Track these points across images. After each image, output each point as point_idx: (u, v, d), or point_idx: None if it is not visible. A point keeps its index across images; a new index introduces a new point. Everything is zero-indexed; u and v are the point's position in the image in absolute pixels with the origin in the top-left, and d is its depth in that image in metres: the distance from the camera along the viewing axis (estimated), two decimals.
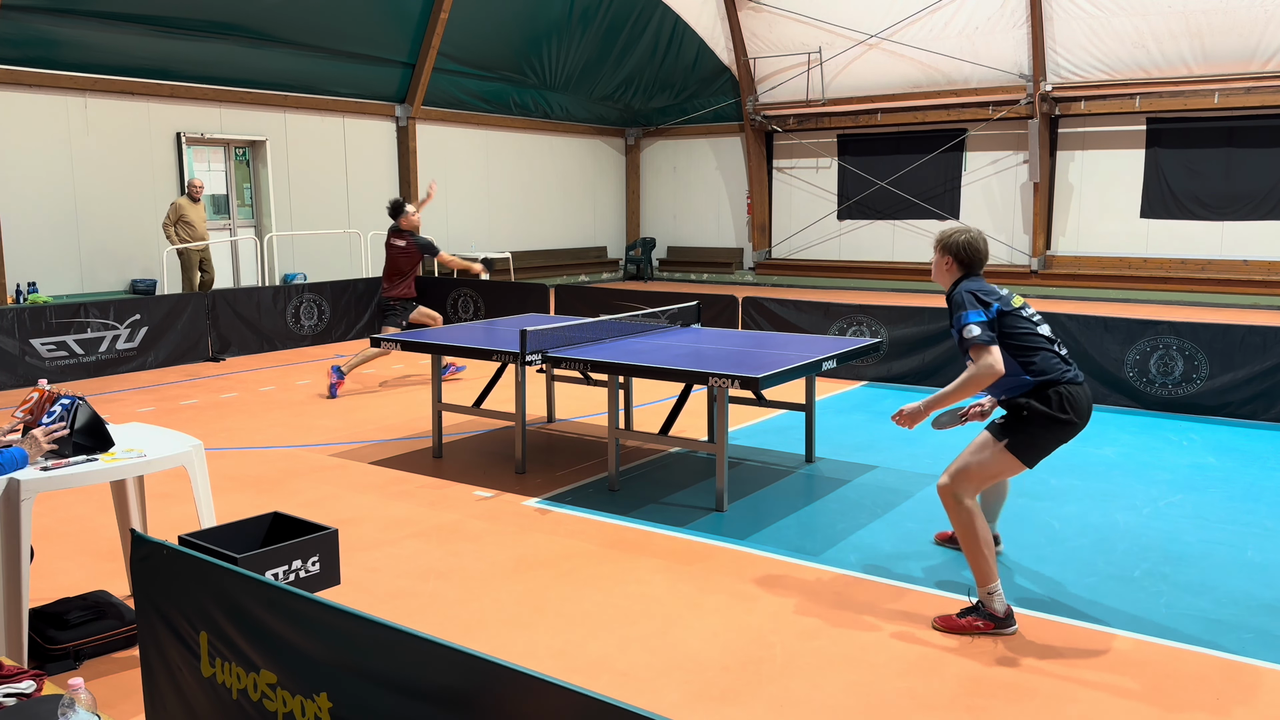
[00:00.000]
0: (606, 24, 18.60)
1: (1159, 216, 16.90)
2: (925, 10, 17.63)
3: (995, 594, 4.06)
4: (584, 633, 4.16)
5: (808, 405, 6.77)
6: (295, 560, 3.68)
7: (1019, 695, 3.63)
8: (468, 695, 2.06)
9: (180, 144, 13.77)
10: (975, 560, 4.09)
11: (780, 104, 19.96)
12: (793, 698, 3.62)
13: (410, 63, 16.42)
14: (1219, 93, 15.81)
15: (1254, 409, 7.84)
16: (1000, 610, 4.07)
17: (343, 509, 5.82)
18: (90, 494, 6.04)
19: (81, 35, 12.33)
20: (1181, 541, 5.19)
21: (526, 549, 5.14)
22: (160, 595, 2.76)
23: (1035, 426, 4.04)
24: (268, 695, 2.47)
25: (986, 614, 4.07)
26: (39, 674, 2.87)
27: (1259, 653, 3.94)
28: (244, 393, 9.37)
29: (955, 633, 4.09)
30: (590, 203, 21.61)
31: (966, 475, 4.12)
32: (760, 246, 20.89)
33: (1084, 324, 8.45)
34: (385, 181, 16.84)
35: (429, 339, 6.88)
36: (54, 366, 9.90)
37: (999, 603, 4.07)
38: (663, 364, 5.70)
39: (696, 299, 8.53)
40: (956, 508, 4.11)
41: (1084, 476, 6.39)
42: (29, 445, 3.59)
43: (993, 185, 18.37)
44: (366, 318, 13.10)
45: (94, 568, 4.91)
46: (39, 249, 12.46)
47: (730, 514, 5.68)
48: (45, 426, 3.71)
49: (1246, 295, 15.93)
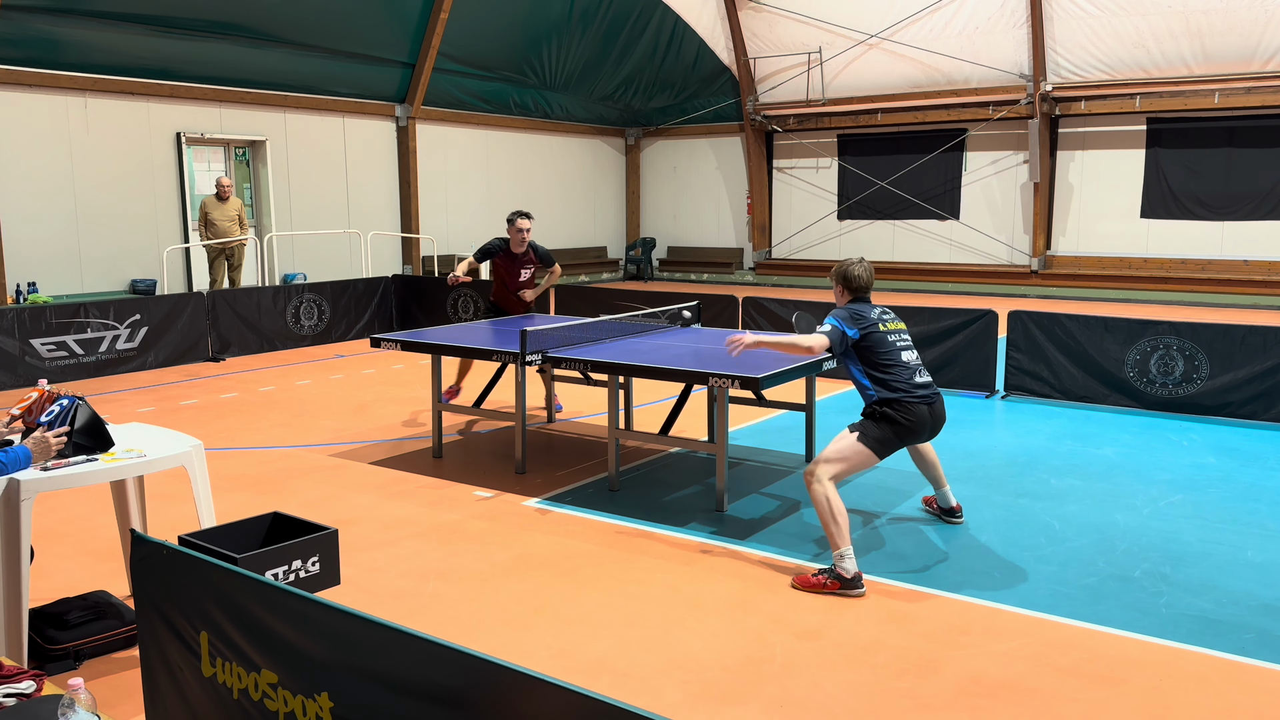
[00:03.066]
0: (606, 24, 18.60)
1: (1159, 216, 16.90)
2: (925, 10, 17.63)
3: (846, 557, 4.61)
4: (584, 633, 4.16)
5: (808, 405, 6.77)
6: (295, 560, 3.68)
7: (1019, 695, 3.63)
8: (468, 695, 2.06)
9: (180, 144, 13.77)
10: (827, 529, 4.70)
11: (780, 104, 19.96)
12: (793, 698, 3.62)
13: (410, 63, 16.41)
14: (1219, 93, 15.81)
15: (1254, 409, 7.84)
16: (849, 572, 4.59)
17: (343, 509, 5.82)
18: (90, 494, 6.04)
19: (81, 35, 12.33)
20: (1181, 541, 5.19)
21: (526, 549, 5.14)
22: (160, 595, 2.76)
23: (877, 427, 4.88)
24: (269, 695, 2.47)
25: (835, 574, 4.61)
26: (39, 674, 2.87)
27: (1259, 653, 3.94)
28: (244, 393, 9.37)
29: (809, 590, 4.61)
30: (590, 203, 21.60)
31: (826, 460, 4.83)
32: (760, 246, 20.89)
33: (1084, 324, 8.45)
34: (385, 181, 16.84)
35: (429, 339, 6.88)
36: (54, 366, 9.90)
37: (849, 564, 4.60)
38: (663, 364, 5.70)
39: (696, 299, 8.53)
40: (812, 484, 4.79)
41: (1084, 476, 6.39)
42: (36, 446, 3.56)
43: (993, 185, 18.37)
44: (366, 318, 13.10)
45: (94, 568, 4.91)
46: (39, 249, 12.46)
47: (730, 514, 5.68)
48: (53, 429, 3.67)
49: (1246, 295, 15.93)
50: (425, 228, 17.40)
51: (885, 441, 4.87)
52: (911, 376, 4.94)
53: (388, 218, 16.94)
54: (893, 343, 4.98)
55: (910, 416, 4.86)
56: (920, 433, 4.94)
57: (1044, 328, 8.61)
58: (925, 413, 4.91)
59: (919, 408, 4.89)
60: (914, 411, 4.87)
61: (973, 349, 8.99)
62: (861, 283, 5.10)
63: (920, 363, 5.09)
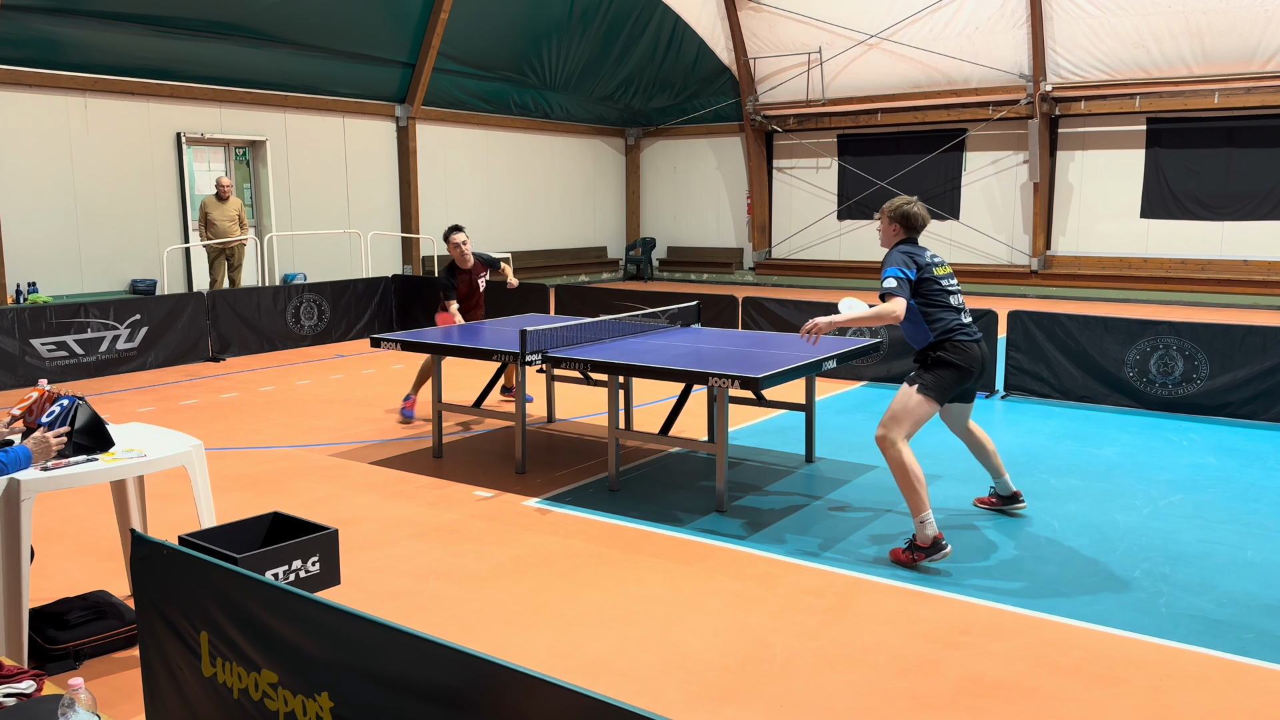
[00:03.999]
0: (606, 24, 18.60)
1: (1159, 216, 16.90)
2: (925, 10, 17.63)
3: (926, 523, 4.70)
4: (584, 633, 4.16)
5: (808, 405, 6.77)
6: (295, 560, 3.68)
7: (1019, 695, 3.63)
8: (468, 695, 2.06)
9: (180, 144, 13.77)
10: (906, 493, 4.78)
11: (780, 104, 19.96)
12: (793, 698, 3.62)
13: (410, 63, 16.41)
14: (1219, 93, 15.81)
15: (1254, 409, 7.84)
16: (928, 536, 4.70)
17: (343, 509, 5.82)
18: (90, 494, 6.04)
19: (81, 35, 12.33)
20: (1181, 541, 5.19)
21: (526, 549, 5.14)
22: (160, 595, 2.76)
23: (933, 375, 4.92)
24: (269, 695, 2.47)
25: (915, 546, 4.76)
26: (39, 674, 2.87)
27: (1259, 653, 3.94)
28: (244, 393, 9.37)
29: (901, 565, 4.78)
30: (590, 203, 21.60)
31: (894, 419, 4.85)
32: (760, 246, 20.89)
33: (1084, 324, 8.45)
34: (385, 182, 16.84)
35: (429, 339, 6.88)
36: (54, 366, 9.90)
37: (929, 529, 4.70)
38: (663, 364, 5.70)
39: (696, 299, 8.53)
40: (888, 449, 4.82)
41: (1084, 476, 6.39)
42: (36, 446, 3.56)
43: (993, 185, 18.37)
44: (366, 318, 13.10)
45: (94, 568, 4.91)
46: (39, 249, 12.46)
47: (730, 514, 5.68)
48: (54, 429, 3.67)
49: (1246, 295, 15.93)
50: (425, 228, 17.40)
51: (944, 387, 4.93)
52: (962, 317, 5.05)
53: (388, 218, 16.94)
54: (944, 284, 5.07)
55: (964, 356, 4.93)
56: (974, 371, 5.01)
57: (1044, 328, 8.62)
58: (977, 350, 4.99)
59: (971, 346, 4.97)
60: (967, 349, 4.95)
61: None
62: (921, 222, 5.14)
63: (966, 307, 5.18)
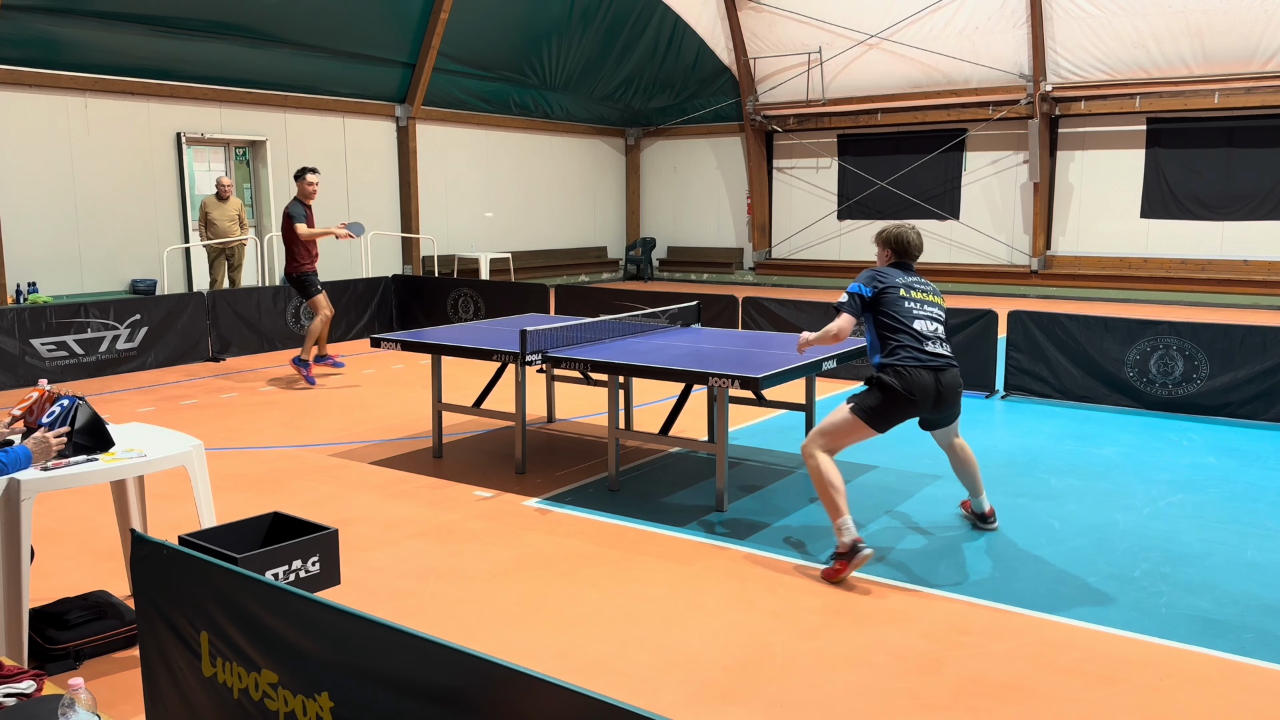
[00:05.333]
0: (606, 24, 18.60)
1: (1159, 216, 16.90)
2: (925, 10, 17.63)
3: (844, 529, 4.60)
4: (584, 633, 4.16)
5: (808, 405, 6.77)
6: (295, 560, 3.68)
7: (1019, 695, 3.63)
8: (468, 695, 2.06)
9: (180, 144, 13.77)
10: (823, 499, 4.71)
11: (780, 104, 19.96)
12: (793, 698, 3.62)
13: (410, 63, 16.41)
14: (1219, 93, 15.81)
15: (1254, 409, 7.84)
16: (846, 543, 4.57)
17: (343, 509, 5.82)
18: (90, 494, 6.04)
19: (81, 35, 12.33)
20: (1181, 541, 5.19)
21: (526, 549, 5.14)
22: (160, 595, 2.76)
23: (869, 396, 4.76)
24: (269, 695, 2.47)
25: (837, 554, 4.63)
26: (39, 674, 2.87)
27: (1259, 653, 3.94)
28: (244, 393, 9.37)
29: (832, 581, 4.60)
30: (590, 203, 21.60)
31: (820, 433, 4.80)
32: (760, 246, 20.89)
33: (1084, 324, 8.45)
34: (385, 181, 16.84)
35: (429, 339, 6.88)
36: (54, 366, 9.90)
37: (847, 536, 4.58)
38: (663, 364, 5.70)
39: (696, 299, 8.53)
40: (807, 460, 4.78)
41: (1084, 476, 6.39)
42: (37, 446, 3.56)
43: (993, 185, 18.37)
44: (366, 318, 13.10)
45: (94, 568, 4.91)
46: (39, 249, 12.46)
47: (730, 514, 5.68)
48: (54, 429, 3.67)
49: (1246, 295, 15.94)
50: (425, 228, 17.40)
51: (877, 411, 4.67)
52: (920, 343, 4.72)
53: (388, 218, 16.94)
54: (908, 308, 4.80)
55: (905, 381, 4.64)
56: (922, 404, 4.70)
57: (1044, 328, 8.62)
58: (928, 380, 4.66)
59: (920, 373, 4.66)
60: (913, 378, 4.64)
61: (972, 349, 8.99)
62: (913, 248, 4.97)
63: (940, 336, 4.85)
